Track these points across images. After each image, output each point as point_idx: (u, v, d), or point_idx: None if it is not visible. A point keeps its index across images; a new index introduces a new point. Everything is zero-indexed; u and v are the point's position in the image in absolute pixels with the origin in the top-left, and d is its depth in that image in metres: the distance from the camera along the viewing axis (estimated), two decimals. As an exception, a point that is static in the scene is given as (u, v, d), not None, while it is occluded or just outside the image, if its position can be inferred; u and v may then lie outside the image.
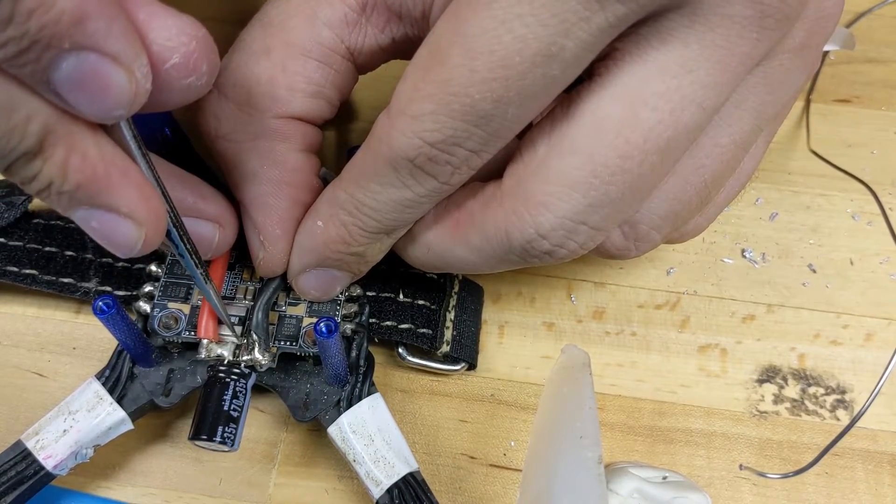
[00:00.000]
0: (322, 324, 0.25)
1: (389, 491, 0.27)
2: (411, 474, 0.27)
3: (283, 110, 0.26)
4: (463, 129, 0.22)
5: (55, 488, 0.29)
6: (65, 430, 0.27)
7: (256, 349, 0.28)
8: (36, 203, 0.32)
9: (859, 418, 0.29)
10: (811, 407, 0.32)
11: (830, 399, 0.32)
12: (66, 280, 0.31)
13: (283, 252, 0.27)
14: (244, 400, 0.27)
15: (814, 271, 0.35)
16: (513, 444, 0.31)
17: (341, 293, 0.29)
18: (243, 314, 0.29)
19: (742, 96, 0.24)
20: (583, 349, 0.29)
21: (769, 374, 0.32)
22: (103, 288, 0.31)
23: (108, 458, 0.30)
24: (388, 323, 0.31)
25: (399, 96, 0.23)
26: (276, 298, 0.29)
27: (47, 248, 0.31)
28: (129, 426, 0.28)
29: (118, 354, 0.28)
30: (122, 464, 0.30)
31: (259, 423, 0.31)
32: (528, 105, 0.22)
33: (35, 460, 0.27)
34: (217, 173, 0.33)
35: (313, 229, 0.26)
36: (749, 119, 0.24)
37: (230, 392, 0.27)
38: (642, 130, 0.22)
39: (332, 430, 0.28)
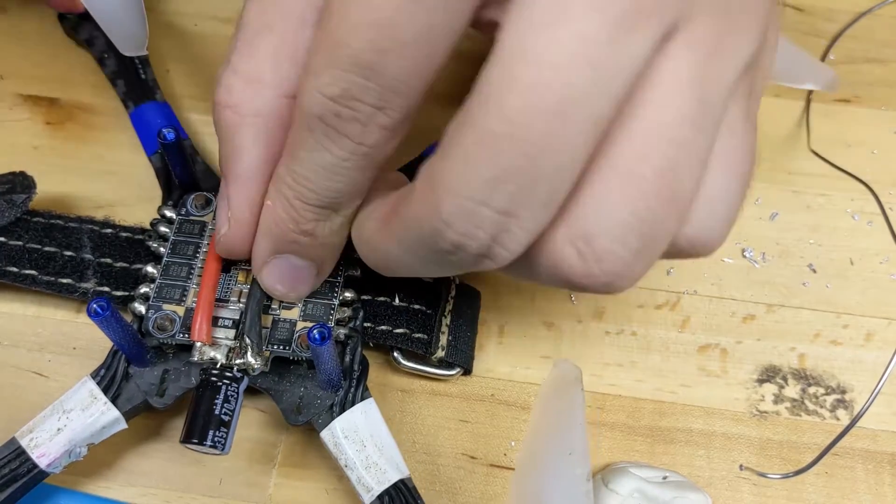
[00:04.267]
0: (315, 331, 0.25)
1: (380, 497, 0.27)
2: (402, 481, 0.27)
3: (289, 88, 0.26)
4: (354, 81, 0.21)
5: (55, 488, 0.29)
6: (59, 429, 0.27)
7: (249, 353, 0.28)
8: (37, 201, 0.32)
9: (859, 418, 0.29)
10: (811, 407, 0.32)
11: (830, 399, 0.32)
12: (65, 281, 0.31)
13: (246, 234, 0.27)
14: (235, 404, 0.27)
15: (814, 271, 0.35)
16: (513, 444, 0.31)
17: (335, 296, 0.29)
18: (237, 317, 0.29)
19: (669, 65, 0.21)
20: (575, 364, 0.29)
21: (769, 374, 0.32)
22: (101, 289, 0.31)
23: (107, 457, 0.30)
24: (384, 327, 0.30)
25: (307, 54, 0.22)
26: (270, 302, 0.29)
27: (47, 248, 0.31)
28: (123, 425, 0.28)
29: (113, 354, 0.28)
30: (121, 464, 0.30)
31: (259, 423, 0.31)
32: (411, 55, 0.21)
33: (28, 458, 0.27)
34: (217, 174, 0.33)
35: (265, 211, 0.26)
36: (687, 91, 0.21)
37: (222, 396, 0.27)
38: (524, 90, 0.19)
39: (325, 434, 0.28)
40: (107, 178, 0.36)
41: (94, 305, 0.25)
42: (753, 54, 0.22)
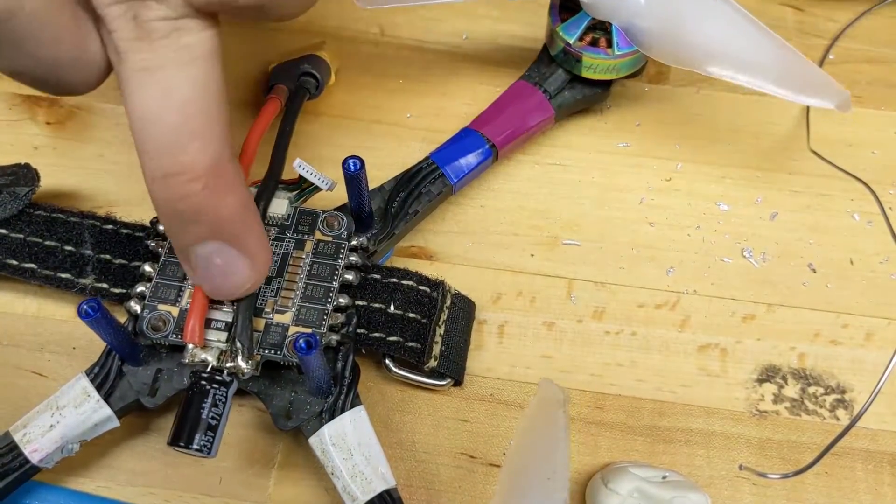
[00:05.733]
0: (302, 340, 0.25)
1: None
2: (387, 492, 0.27)
3: None
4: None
5: (55, 487, 0.29)
6: (52, 425, 0.27)
7: (240, 357, 0.28)
8: (39, 194, 0.32)
9: (859, 418, 0.29)
10: (811, 407, 0.32)
11: (830, 399, 0.32)
12: (64, 276, 0.31)
13: None
14: (223, 408, 0.27)
15: (814, 271, 0.35)
16: (512, 443, 0.31)
17: (330, 301, 0.29)
18: (230, 319, 0.29)
19: None
20: (560, 387, 0.28)
21: (769, 374, 0.32)
22: (100, 285, 0.31)
23: (107, 457, 0.30)
24: (377, 335, 0.30)
25: None
26: (264, 305, 0.29)
27: (47, 242, 0.31)
28: (115, 424, 0.28)
29: (108, 352, 0.29)
30: (121, 464, 0.30)
31: (259, 423, 0.31)
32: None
33: (21, 453, 0.27)
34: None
35: None
36: None
37: (210, 400, 0.27)
38: None
39: (313, 441, 0.28)
40: (107, 177, 0.36)
41: (85, 307, 0.25)
42: None
